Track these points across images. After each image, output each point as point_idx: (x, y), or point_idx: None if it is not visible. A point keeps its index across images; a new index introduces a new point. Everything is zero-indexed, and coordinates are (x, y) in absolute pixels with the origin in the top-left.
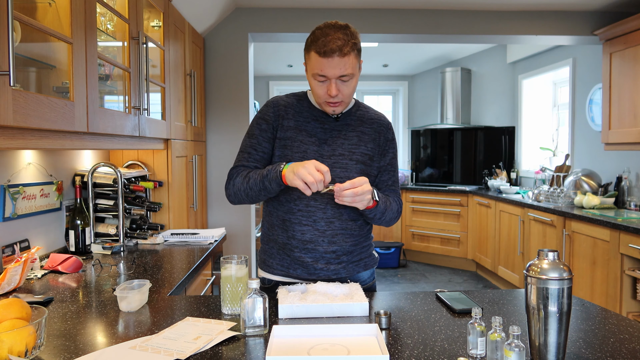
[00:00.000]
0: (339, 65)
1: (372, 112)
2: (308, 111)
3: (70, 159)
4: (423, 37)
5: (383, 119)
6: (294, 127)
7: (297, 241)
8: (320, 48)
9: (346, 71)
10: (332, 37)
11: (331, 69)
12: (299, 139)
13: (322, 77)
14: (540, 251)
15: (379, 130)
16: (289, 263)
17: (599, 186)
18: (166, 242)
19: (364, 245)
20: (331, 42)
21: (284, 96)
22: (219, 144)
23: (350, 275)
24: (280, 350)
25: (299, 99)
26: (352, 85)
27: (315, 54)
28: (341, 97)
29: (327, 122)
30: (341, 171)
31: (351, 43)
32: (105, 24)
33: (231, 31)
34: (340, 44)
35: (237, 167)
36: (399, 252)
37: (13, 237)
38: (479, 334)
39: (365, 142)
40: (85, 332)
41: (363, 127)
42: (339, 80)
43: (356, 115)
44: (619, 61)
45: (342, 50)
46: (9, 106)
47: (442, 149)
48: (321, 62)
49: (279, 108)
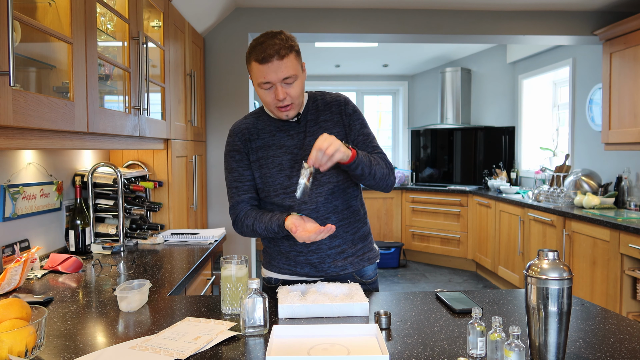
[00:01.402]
0: (279, 68)
1: (327, 97)
2: (269, 125)
3: (70, 159)
4: (423, 37)
5: (338, 98)
6: (262, 146)
7: (301, 246)
8: (259, 55)
9: (288, 73)
10: (267, 43)
11: (273, 73)
12: (270, 154)
13: (266, 84)
14: (540, 251)
15: (338, 111)
16: (296, 263)
17: (599, 186)
18: (166, 242)
19: (363, 233)
20: (267, 47)
21: (242, 119)
22: (219, 144)
23: (357, 269)
24: (280, 350)
25: (258, 117)
26: (298, 86)
27: (255, 62)
28: (290, 99)
29: (291, 128)
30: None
31: (287, 45)
32: (105, 24)
33: (231, 31)
34: (277, 47)
35: (234, 206)
36: (399, 252)
37: (13, 237)
38: (479, 334)
39: (328, 129)
40: (85, 332)
41: (322, 115)
42: (283, 83)
43: (314, 108)
44: (619, 61)
45: (280, 53)
46: (9, 106)
47: (442, 149)
48: (262, 69)
49: (242, 134)
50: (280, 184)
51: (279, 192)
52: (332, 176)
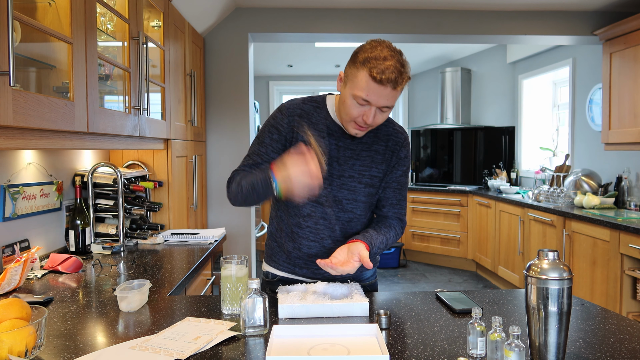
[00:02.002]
0: (388, 97)
1: (389, 127)
2: (324, 123)
3: (70, 159)
4: (423, 37)
5: (400, 135)
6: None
7: (303, 254)
8: (377, 73)
9: (391, 103)
10: (389, 63)
11: (379, 98)
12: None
13: (364, 102)
14: (540, 251)
15: (393, 149)
16: (295, 264)
17: (599, 186)
18: (166, 242)
19: None
20: (389, 70)
21: (300, 102)
22: (219, 144)
23: (355, 274)
24: (280, 350)
25: (317, 107)
26: (387, 116)
27: (369, 76)
28: (373, 125)
29: (342, 140)
30: (348, 193)
31: (406, 77)
32: (105, 24)
33: (231, 31)
34: (397, 75)
35: (239, 170)
36: (399, 252)
37: (13, 237)
38: (479, 334)
39: (377, 163)
40: (85, 332)
41: (377, 145)
42: (379, 109)
43: (372, 132)
44: (619, 61)
45: (397, 82)
46: (9, 106)
47: (442, 149)
48: (371, 87)
49: (293, 118)
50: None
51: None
52: (357, 207)
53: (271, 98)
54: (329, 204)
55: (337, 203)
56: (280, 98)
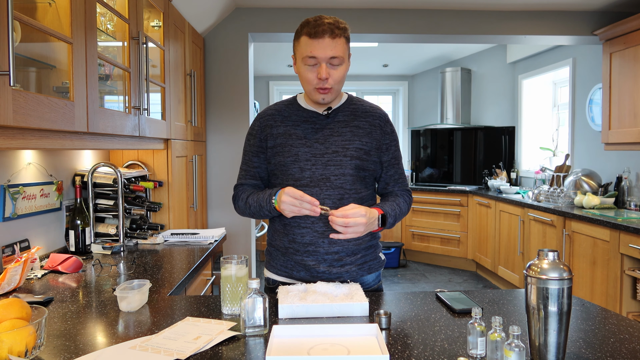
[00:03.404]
0: (330, 46)
1: (366, 105)
2: (297, 114)
3: (70, 159)
4: (423, 37)
5: (378, 111)
6: (283, 133)
7: (298, 244)
8: (311, 29)
9: (337, 53)
10: (321, 21)
11: (322, 50)
12: (288, 143)
13: (312, 60)
14: (540, 251)
15: (374, 124)
16: (292, 265)
17: (599, 186)
18: (166, 242)
19: (369, 245)
20: (322, 24)
21: (273, 105)
22: (219, 144)
23: (354, 278)
24: (280, 350)
25: (288, 104)
26: (342, 71)
27: (306, 36)
28: (332, 82)
29: (318, 122)
30: (335, 168)
31: (342, 27)
32: (105, 24)
33: (231, 31)
34: (331, 27)
35: (238, 185)
36: (399, 252)
37: (13, 237)
38: (479, 334)
39: (359, 136)
40: (85, 332)
41: (357, 121)
42: (329, 63)
43: (349, 110)
44: (619, 61)
45: (333, 31)
46: (9, 106)
47: (442, 149)
48: (312, 44)
49: (265, 119)
50: (292, 175)
51: (290, 182)
52: (346, 181)
53: (271, 98)
54: (315, 184)
55: (325, 180)
56: (280, 98)
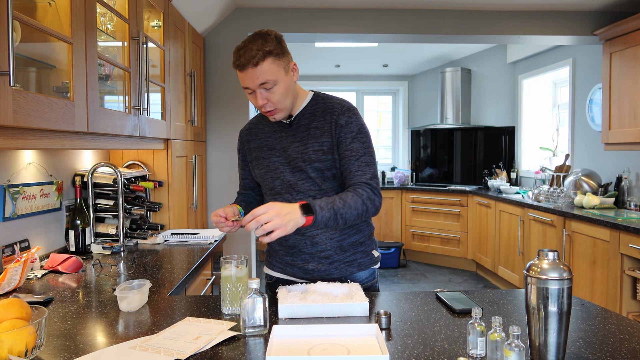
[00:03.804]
0: (254, 75)
1: (327, 103)
2: (269, 126)
3: (70, 159)
4: (423, 37)
5: (335, 107)
6: (257, 147)
7: (284, 247)
8: (236, 62)
9: (265, 78)
10: (245, 49)
11: (250, 80)
12: (261, 156)
13: (248, 90)
14: (540, 251)
15: (330, 120)
16: (286, 262)
17: (599, 186)
18: (166, 242)
19: (356, 241)
20: (243, 55)
21: (252, 118)
22: (219, 144)
23: (344, 275)
24: (280, 350)
25: (263, 117)
26: (279, 91)
27: (236, 69)
28: (271, 105)
29: (284, 130)
30: (300, 174)
31: (262, 52)
32: (105, 24)
33: (231, 31)
34: (251, 54)
35: (238, 193)
36: (399, 252)
37: (13, 237)
38: (479, 334)
39: (316, 137)
40: (85, 332)
41: (316, 121)
42: (261, 89)
43: (310, 112)
44: (619, 61)
45: (253, 61)
46: (9, 106)
47: (442, 149)
48: (241, 76)
49: (243, 134)
50: (267, 184)
51: (266, 191)
52: (313, 184)
53: None
54: (285, 191)
55: (292, 187)
56: None
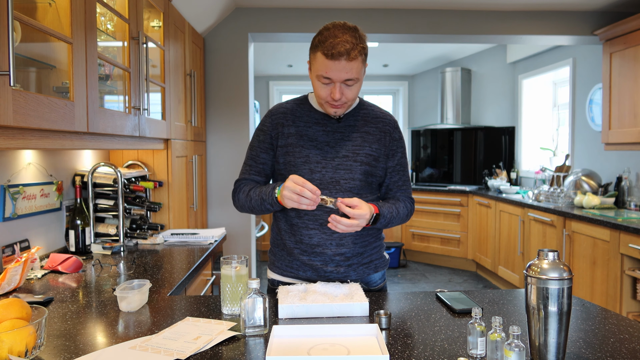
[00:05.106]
0: (345, 69)
1: (377, 111)
2: (309, 115)
3: (70, 159)
4: (423, 37)
5: (388, 118)
6: (295, 134)
7: (305, 245)
8: (328, 50)
9: (352, 75)
10: (340, 39)
11: (337, 72)
12: (300, 144)
13: (326, 80)
14: (540, 251)
15: (384, 130)
16: (299, 265)
17: (599, 186)
18: (166, 242)
19: (374, 246)
20: (339, 44)
21: (284, 102)
22: (219, 144)
23: (361, 277)
24: (280, 350)
25: (300, 103)
26: (356, 89)
27: (322, 55)
28: (344, 99)
29: (330, 125)
30: (345, 173)
31: (359, 47)
32: (105, 24)
33: (231, 31)
34: (349, 47)
35: (240, 180)
36: (399, 252)
37: (13, 237)
38: (479, 334)
39: (369, 142)
40: (85, 332)
41: (367, 127)
42: (343, 84)
43: (360, 115)
44: (619, 61)
45: (350, 54)
46: (9, 106)
47: (442, 149)
48: (327, 65)
49: (277, 117)
50: (302, 176)
51: None
52: (356, 186)
53: (271, 98)
54: (324, 187)
55: (335, 184)
56: (280, 98)
